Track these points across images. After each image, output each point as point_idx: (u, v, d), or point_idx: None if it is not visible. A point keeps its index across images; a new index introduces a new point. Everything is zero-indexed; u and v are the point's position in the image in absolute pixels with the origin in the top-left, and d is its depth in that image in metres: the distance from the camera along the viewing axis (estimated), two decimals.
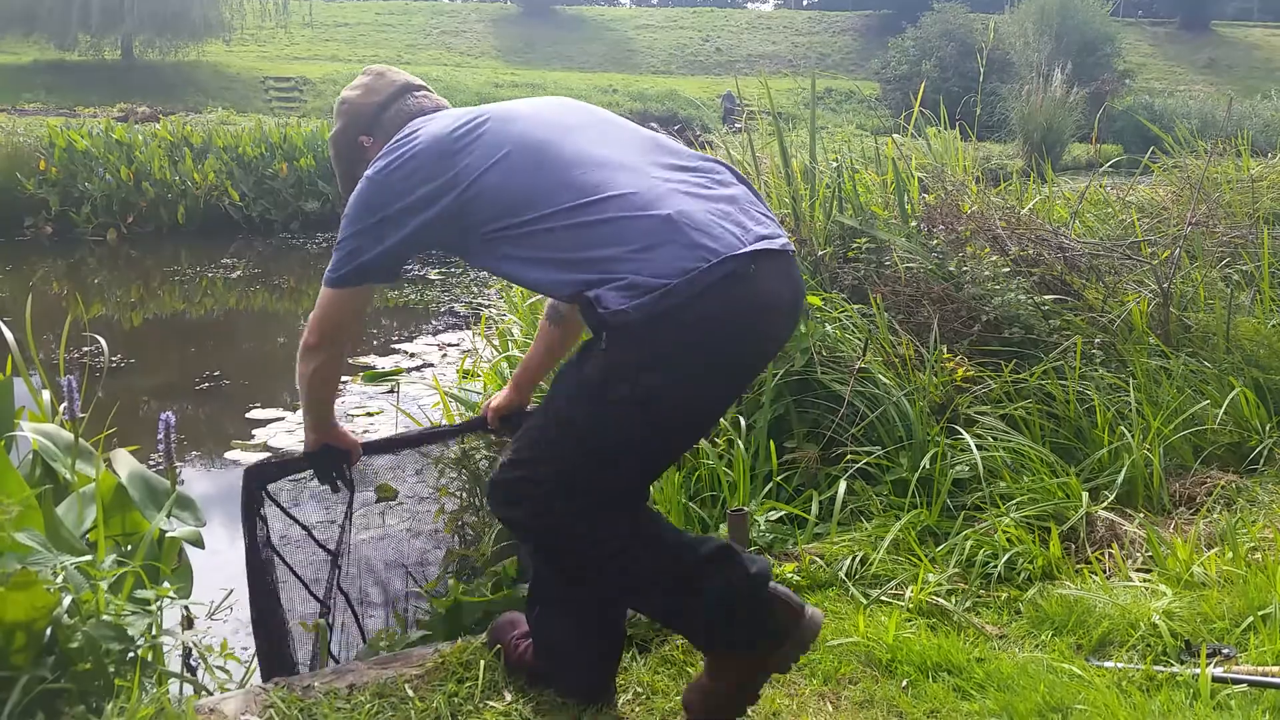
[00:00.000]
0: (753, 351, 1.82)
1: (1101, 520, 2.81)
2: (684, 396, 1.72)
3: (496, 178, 1.76)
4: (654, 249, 1.66)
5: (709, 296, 1.64)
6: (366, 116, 2.05)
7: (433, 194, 1.79)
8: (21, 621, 1.84)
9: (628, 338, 1.65)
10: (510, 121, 1.85)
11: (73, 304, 8.15)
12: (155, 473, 2.79)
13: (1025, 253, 3.79)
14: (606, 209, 1.70)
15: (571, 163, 1.77)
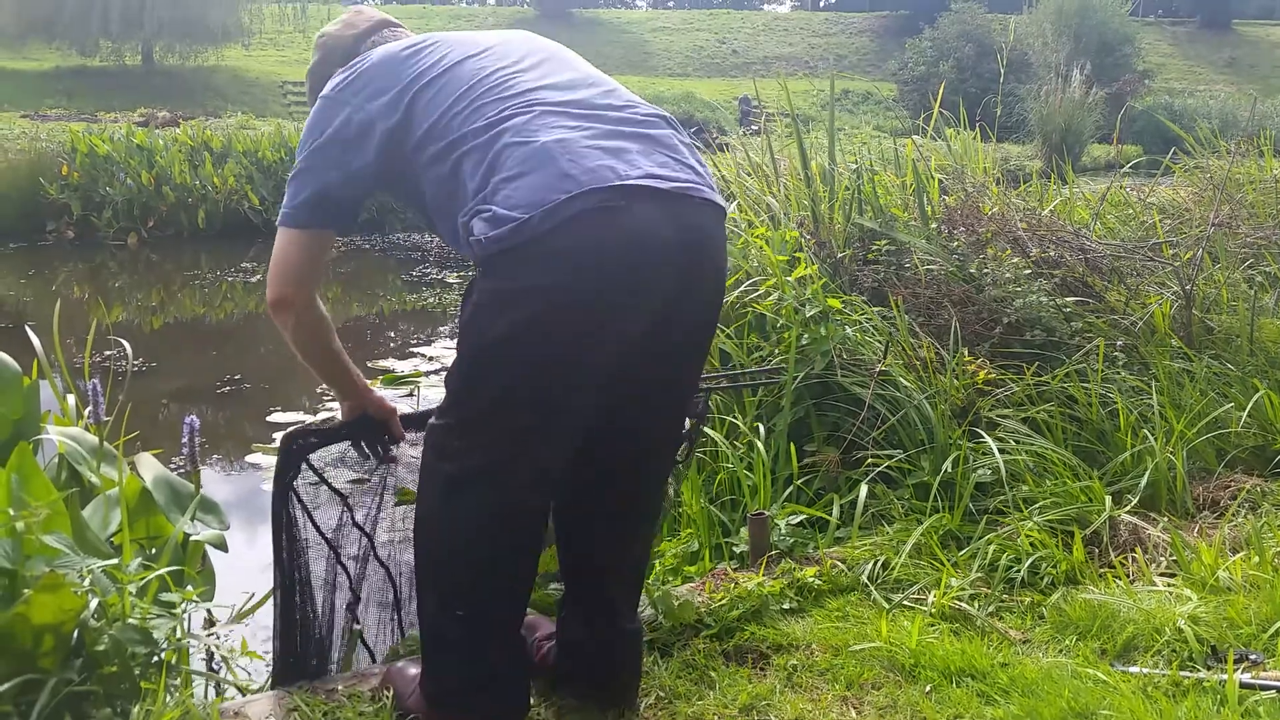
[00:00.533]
0: (622, 297, 1.63)
1: (1125, 524, 2.79)
2: (554, 339, 1.62)
3: (431, 94, 1.74)
4: (523, 176, 1.60)
5: (565, 231, 1.56)
6: (343, 49, 2.01)
7: (378, 110, 1.74)
8: (50, 624, 1.86)
9: (490, 271, 1.62)
10: (458, 46, 1.83)
11: (96, 309, 8.22)
12: (178, 475, 2.81)
13: (1046, 254, 3.77)
14: (501, 135, 1.66)
15: (492, 91, 1.73)
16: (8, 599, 1.87)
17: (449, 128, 1.70)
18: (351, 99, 1.77)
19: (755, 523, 2.62)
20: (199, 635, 2.48)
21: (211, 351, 7.22)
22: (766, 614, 2.35)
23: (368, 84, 1.78)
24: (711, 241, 1.76)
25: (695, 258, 1.71)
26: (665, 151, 1.73)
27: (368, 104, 1.76)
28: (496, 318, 1.62)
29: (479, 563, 1.76)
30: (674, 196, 1.67)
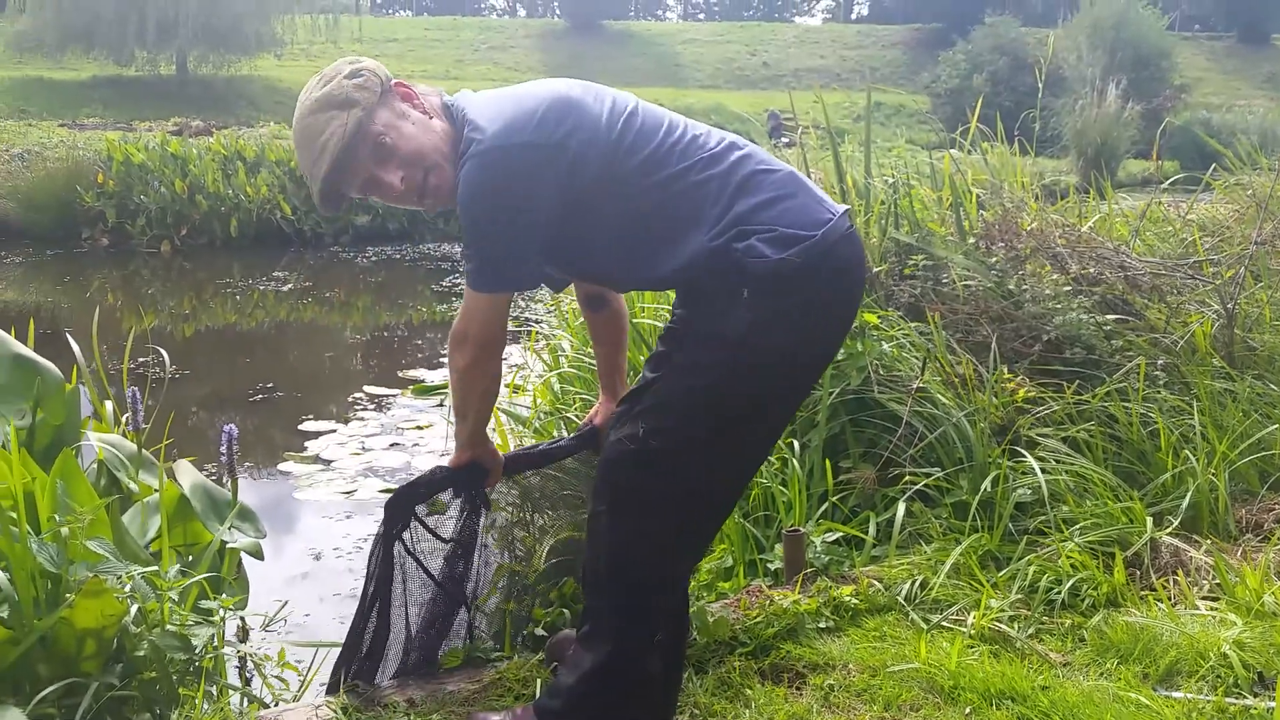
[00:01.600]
0: (852, 311, 1.89)
1: (1166, 546, 2.75)
2: (819, 350, 1.84)
3: (635, 126, 1.77)
4: (787, 199, 1.76)
5: (842, 246, 1.75)
6: (372, 109, 1.85)
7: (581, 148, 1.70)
8: (92, 629, 1.87)
9: (777, 288, 1.70)
10: (623, 100, 1.86)
11: (134, 316, 8.31)
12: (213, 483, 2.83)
13: (1086, 271, 3.73)
14: (741, 163, 1.78)
15: (687, 129, 1.84)
16: (52, 602, 1.89)
17: (670, 155, 1.76)
18: (548, 138, 1.68)
19: (791, 540, 2.60)
20: (235, 643, 2.49)
21: (243, 359, 7.27)
22: (802, 632, 2.33)
23: (564, 120, 1.71)
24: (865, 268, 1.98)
25: (860, 286, 1.93)
26: None
27: (570, 140, 1.70)
28: (782, 331, 1.72)
29: (672, 579, 1.88)
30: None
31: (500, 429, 3.97)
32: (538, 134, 1.67)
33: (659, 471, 1.76)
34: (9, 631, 1.85)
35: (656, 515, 1.78)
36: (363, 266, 11.23)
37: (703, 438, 1.75)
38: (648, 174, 1.74)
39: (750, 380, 1.74)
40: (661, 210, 1.75)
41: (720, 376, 1.74)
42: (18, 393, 2.72)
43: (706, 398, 1.75)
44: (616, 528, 1.80)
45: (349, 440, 5.04)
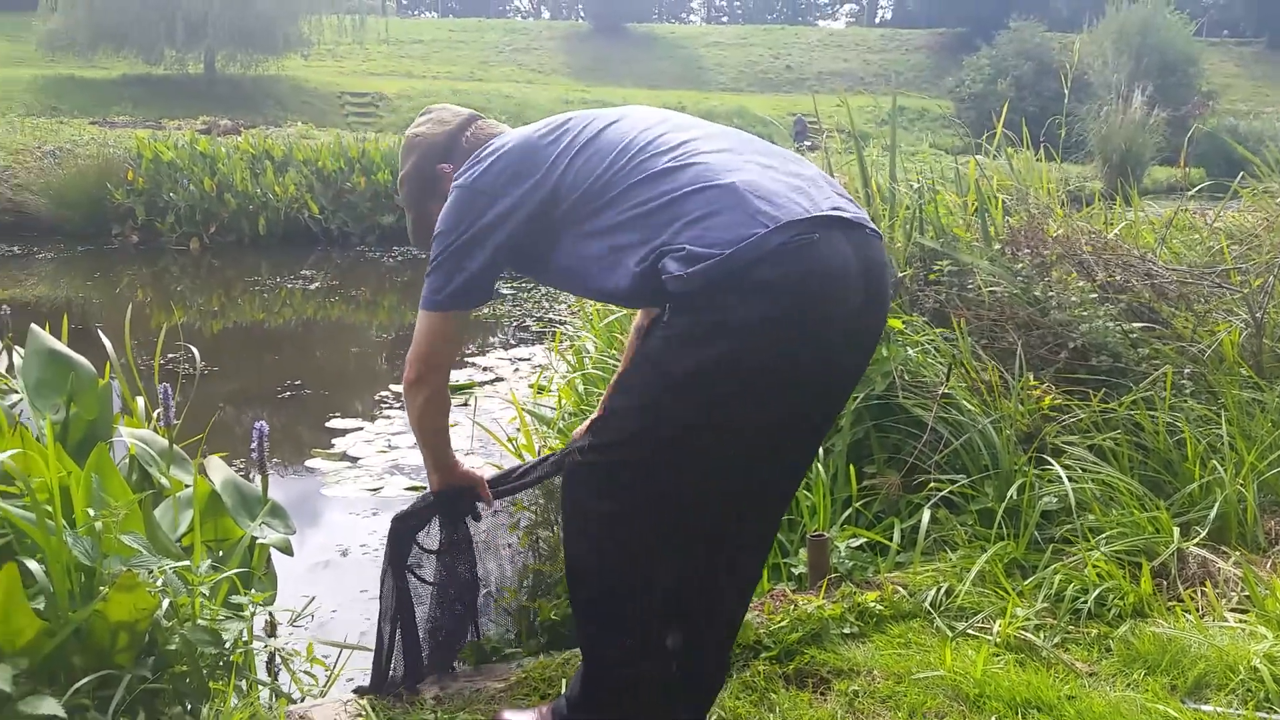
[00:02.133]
0: (817, 328, 1.66)
1: (1193, 557, 2.73)
2: (745, 372, 1.63)
3: (581, 162, 1.77)
4: (714, 216, 1.63)
5: (768, 262, 1.59)
6: (441, 144, 2.06)
7: (524, 194, 1.78)
8: (125, 622, 1.90)
9: (687, 307, 1.63)
10: (596, 118, 1.86)
11: (163, 313, 8.39)
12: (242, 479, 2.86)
13: (1112, 278, 3.71)
14: (675, 182, 1.69)
15: (647, 148, 1.76)
16: (86, 595, 1.92)
17: (609, 185, 1.74)
18: (491, 185, 1.80)
19: (815, 545, 2.60)
20: (263, 638, 2.52)
21: (271, 356, 7.34)
22: (827, 638, 2.34)
23: (507, 168, 1.81)
24: (885, 274, 1.79)
25: (873, 290, 1.74)
26: (831, 187, 1.77)
27: (510, 188, 1.79)
28: (692, 352, 1.63)
29: (639, 588, 1.79)
30: (855, 227, 1.71)
31: (525, 429, 3.99)
32: (483, 179, 1.81)
33: (601, 488, 1.74)
34: (45, 623, 1.88)
35: (603, 530, 1.76)
36: (389, 265, 11.30)
37: (638, 457, 1.71)
38: (586, 213, 1.76)
39: (674, 399, 1.66)
40: (601, 240, 1.75)
41: (646, 396, 1.70)
42: (53, 387, 2.76)
43: (640, 418, 1.70)
44: (569, 541, 1.82)
45: (375, 438, 5.08)
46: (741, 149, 1.79)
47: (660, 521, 1.75)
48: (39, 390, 2.75)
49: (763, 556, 2.01)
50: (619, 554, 1.75)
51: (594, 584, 1.80)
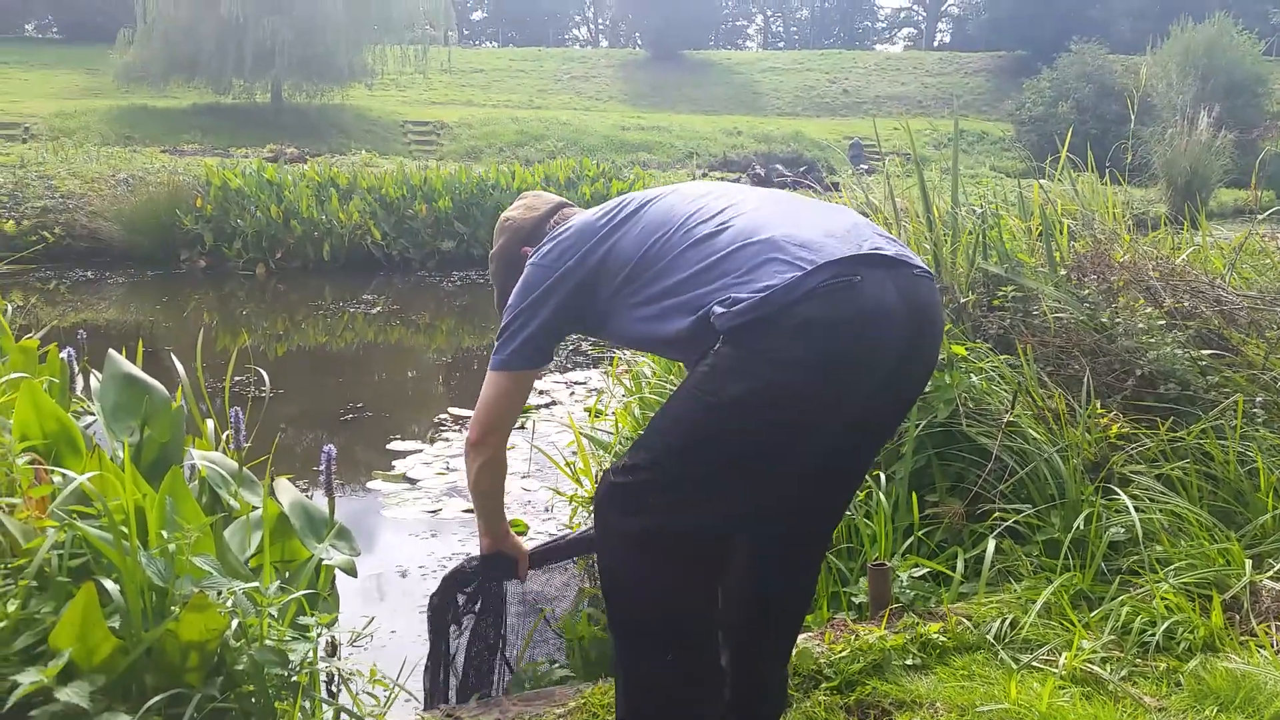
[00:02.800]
0: (858, 366, 1.72)
1: (1267, 591, 2.66)
2: (784, 405, 1.70)
3: (628, 238, 1.92)
4: (756, 268, 1.72)
5: (808, 301, 1.66)
6: (528, 229, 2.22)
7: (575, 265, 1.94)
8: (195, 642, 1.94)
9: (733, 345, 1.70)
10: (644, 197, 2.00)
11: (229, 336, 8.59)
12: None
13: (1180, 305, 3.64)
14: (716, 244, 1.79)
15: (690, 219, 1.88)
16: (159, 615, 1.97)
17: (657, 257, 1.86)
18: (555, 263, 1.97)
19: (876, 573, 2.58)
20: (326, 658, 2.56)
21: (334, 379, 7.46)
22: (889, 669, 2.31)
23: (566, 245, 1.98)
24: (935, 313, 1.85)
25: (919, 330, 1.80)
26: (875, 231, 1.84)
27: (564, 261, 1.96)
28: (733, 382, 1.70)
29: (670, 609, 1.82)
30: (899, 265, 1.77)
31: (582, 453, 4.01)
32: (546, 257, 2.00)
33: (629, 506, 1.79)
34: (119, 641, 1.93)
35: (630, 549, 1.80)
36: (448, 290, 11.45)
37: (668, 479, 1.76)
38: (639, 284, 1.89)
39: (711, 425, 1.72)
40: (654, 304, 1.86)
41: (683, 421, 1.76)
42: (128, 411, 2.84)
43: (675, 441, 1.77)
44: (601, 560, 1.89)
45: (434, 460, 5.13)
46: (780, 206, 1.89)
47: (687, 545, 1.78)
48: (115, 414, 2.84)
49: (804, 585, 2.07)
50: (648, 574, 1.79)
51: (625, 604, 1.84)
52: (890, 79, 36.41)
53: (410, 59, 26.55)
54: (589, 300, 1.95)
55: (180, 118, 23.27)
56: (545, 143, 24.38)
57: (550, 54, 39.19)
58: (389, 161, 17.62)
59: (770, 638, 2.03)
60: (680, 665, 1.82)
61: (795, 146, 25.96)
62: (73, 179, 13.49)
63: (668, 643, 1.81)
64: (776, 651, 2.05)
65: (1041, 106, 27.25)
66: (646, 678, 1.84)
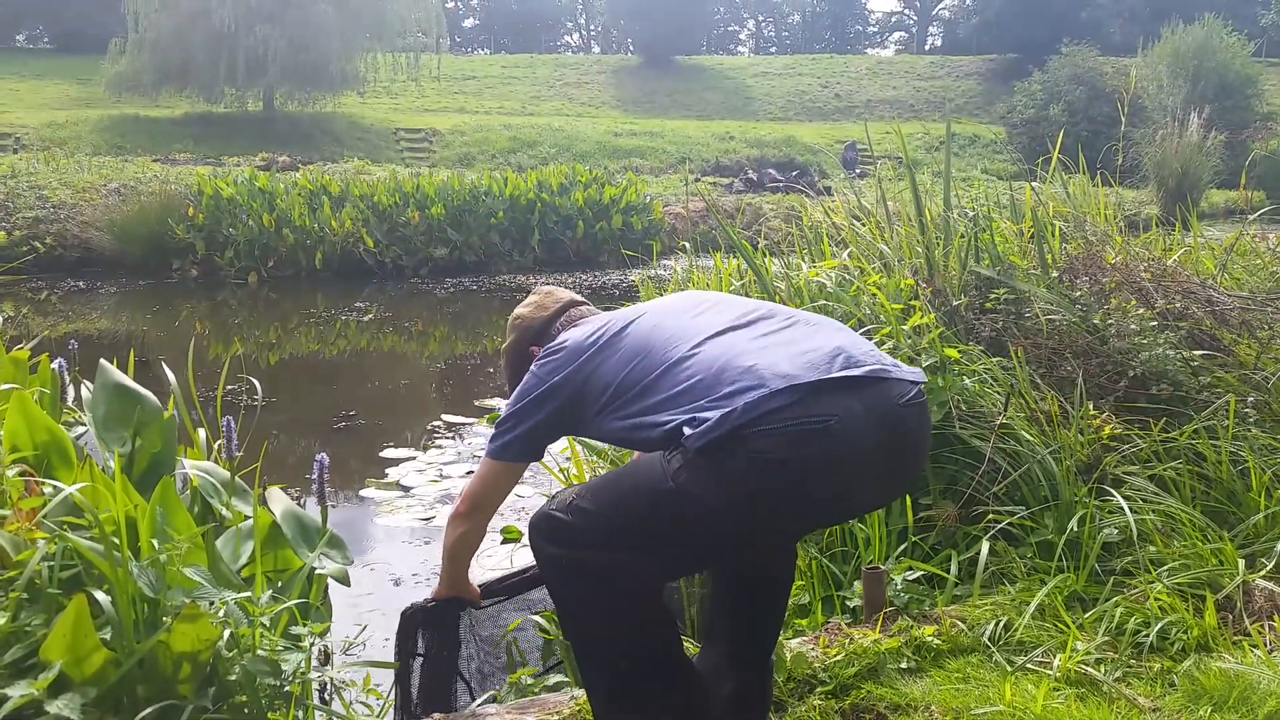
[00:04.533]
0: (825, 504, 1.86)
1: (1260, 590, 2.66)
2: (743, 523, 1.81)
3: (610, 364, 1.99)
4: (725, 392, 1.79)
5: (774, 435, 1.72)
6: (536, 329, 2.30)
7: (563, 382, 2.03)
8: (188, 653, 1.94)
9: (701, 457, 1.76)
10: (632, 316, 2.08)
11: (221, 345, 8.57)
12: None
13: (1172, 306, 3.65)
14: (692, 372, 1.87)
15: (671, 341, 1.95)
16: (151, 626, 1.96)
17: (637, 380, 1.94)
18: (547, 377, 2.06)
19: (870, 577, 2.57)
20: (320, 668, 2.55)
21: (326, 387, 7.45)
22: (883, 673, 2.31)
23: (557, 366, 2.06)
24: (917, 445, 1.93)
25: (898, 462, 1.88)
26: (856, 349, 1.89)
27: (556, 379, 2.05)
28: (698, 485, 1.77)
29: (615, 626, 1.92)
30: (876, 383, 1.82)
31: (576, 458, 4.01)
32: (543, 368, 2.08)
33: (556, 537, 1.91)
34: (111, 653, 1.92)
35: (561, 573, 1.93)
36: (440, 297, 11.44)
37: (605, 531, 1.86)
38: (618, 404, 1.97)
39: (668, 511, 1.81)
40: (633, 419, 1.94)
41: (644, 495, 1.85)
42: (120, 421, 2.83)
43: (631, 507, 1.87)
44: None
45: (427, 468, 5.13)
46: (754, 323, 1.99)
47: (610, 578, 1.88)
48: (106, 423, 2.83)
49: (772, 596, 2.17)
50: (582, 597, 1.90)
51: (567, 623, 1.98)
52: (882, 83, 36.46)
53: (402, 66, 26.54)
54: (576, 412, 2.04)
55: (172, 127, 23.24)
56: (538, 149, 24.38)
57: (542, 60, 39.19)
58: (381, 169, 17.61)
59: (748, 642, 2.13)
60: (637, 676, 1.91)
61: (788, 151, 25.98)
62: (64, 189, 13.47)
63: (618, 656, 1.91)
64: (758, 650, 2.13)
65: (1033, 109, 27.31)
66: (607, 689, 1.94)
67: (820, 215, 5.50)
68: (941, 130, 27.36)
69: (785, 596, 2.21)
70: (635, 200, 14.75)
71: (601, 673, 1.95)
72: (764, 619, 2.14)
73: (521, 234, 13.69)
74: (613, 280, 12.64)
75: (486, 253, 13.32)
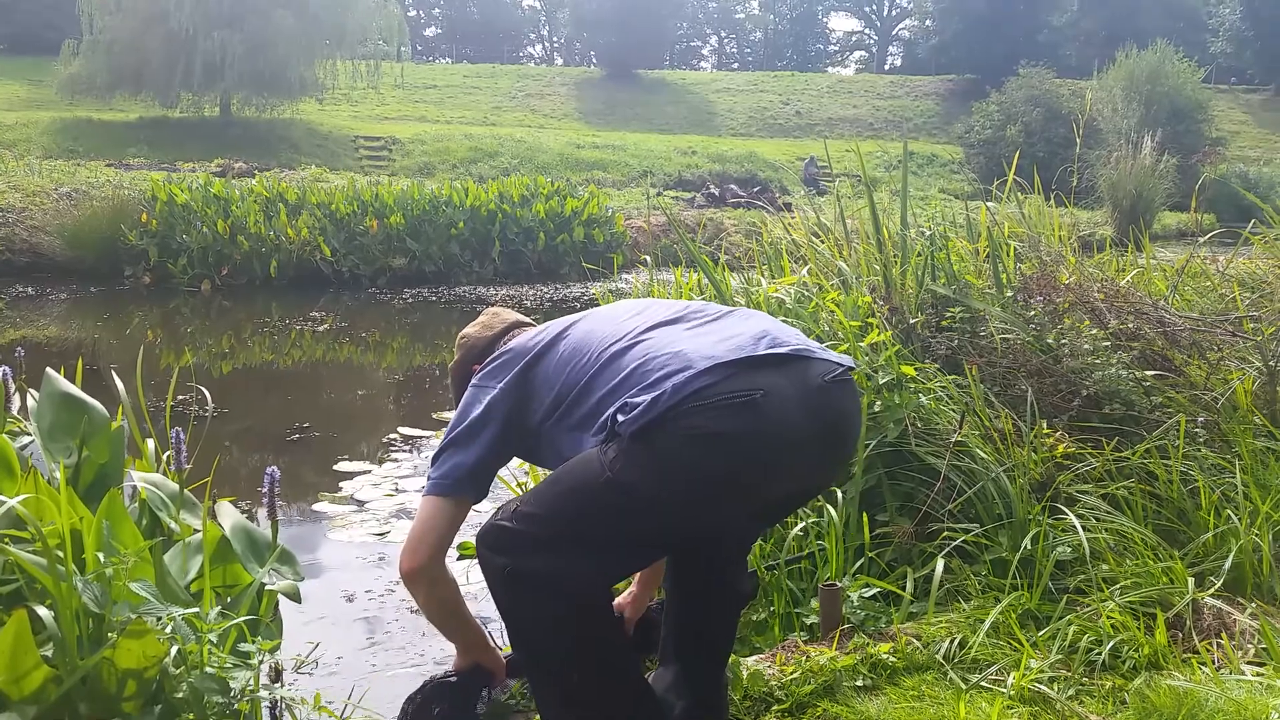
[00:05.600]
0: (758, 478, 1.84)
1: (1209, 608, 2.70)
2: (678, 506, 1.81)
3: (551, 365, 2.00)
4: (656, 377, 1.81)
5: (705, 410, 1.73)
6: (480, 348, 2.26)
7: (505, 389, 2.01)
8: (133, 670, 1.89)
9: (636, 443, 1.77)
10: (572, 320, 2.09)
11: (173, 354, 8.43)
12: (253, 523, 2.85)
13: (1125, 326, 3.71)
14: (624, 364, 1.89)
15: (607, 339, 1.96)
16: (95, 642, 1.91)
17: (576, 380, 1.95)
18: (487, 382, 2.05)
19: (827, 594, 2.58)
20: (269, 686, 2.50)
21: (280, 398, 7.35)
22: (839, 690, 2.31)
23: (499, 367, 2.06)
24: (846, 422, 1.94)
25: (831, 438, 1.90)
26: (782, 333, 1.93)
27: (500, 383, 2.03)
28: (633, 471, 1.77)
29: (558, 637, 1.89)
30: (803, 361, 1.86)
31: (533, 472, 3.98)
32: (482, 377, 2.07)
33: (498, 545, 1.87)
34: (53, 670, 1.87)
35: (497, 584, 1.90)
36: (398, 308, 11.36)
37: (545, 535, 1.84)
38: (560, 412, 1.98)
39: (605, 503, 1.81)
40: (578, 428, 1.95)
41: (581, 494, 1.84)
42: (66, 431, 2.76)
43: (569, 506, 1.85)
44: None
45: (383, 481, 5.07)
46: (686, 318, 2.01)
47: (552, 587, 1.85)
48: (52, 434, 2.76)
49: (721, 599, 2.17)
50: (524, 609, 1.88)
51: (512, 634, 1.95)
52: (842, 101, 36.88)
53: (362, 74, 26.41)
54: (521, 424, 2.01)
55: (126, 131, 22.92)
56: (499, 160, 24.34)
57: (505, 71, 39.18)
58: (340, 177, 17.47)
59: (701, 658, 2.15)
60: (588, 689, 1.89)
61: (749, 166, 26.17)
62: (13, 192, 13.21)
63: (568, 669, 1.89)
64: (711, 667, 2.15)
65: (990, 130, 27.75)
66: (559, 703, 1.92)
67: (780, 231, 5.53)
68: (900, 149, 27.69)
69: (738, 611, 2.22)
70: (597, 213, 14.76)
71: (553, 686, 1.92)
72: (717, 635, 2.14)
73: (482, 245, 13.64)
74: (574, 293, 12.62)
75: (446, 263, 13.25)
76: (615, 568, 1.97)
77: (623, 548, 1.89)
